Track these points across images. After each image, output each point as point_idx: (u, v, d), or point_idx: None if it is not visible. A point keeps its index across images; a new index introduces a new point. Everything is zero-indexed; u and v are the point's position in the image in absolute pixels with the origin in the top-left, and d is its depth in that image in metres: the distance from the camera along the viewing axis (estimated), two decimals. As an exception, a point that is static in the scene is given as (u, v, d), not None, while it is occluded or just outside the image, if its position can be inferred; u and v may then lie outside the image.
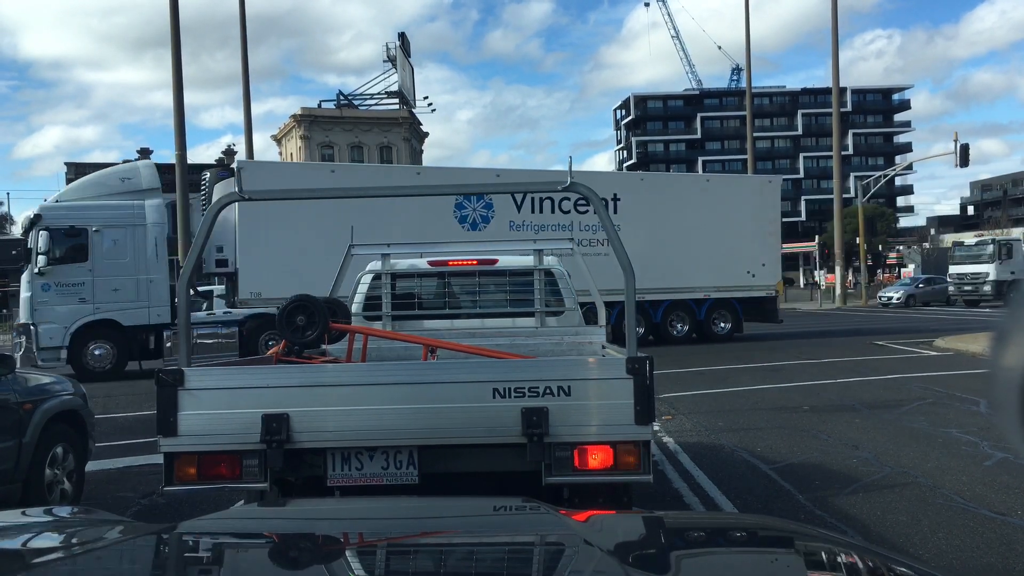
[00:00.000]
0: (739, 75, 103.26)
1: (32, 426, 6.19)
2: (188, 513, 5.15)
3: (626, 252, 4.12)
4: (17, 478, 6.04)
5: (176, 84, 23.28)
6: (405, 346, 6.17)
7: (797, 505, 6.31)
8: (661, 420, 9.96)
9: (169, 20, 22.72)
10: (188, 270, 4.46)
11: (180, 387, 4.02)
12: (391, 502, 3.08)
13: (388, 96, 64.32)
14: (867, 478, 7.11)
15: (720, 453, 8.31)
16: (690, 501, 6.52)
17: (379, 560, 1.82)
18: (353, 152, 61.13)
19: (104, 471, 8.19)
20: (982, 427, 8.99)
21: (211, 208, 4.35)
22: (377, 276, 7.21)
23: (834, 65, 41.54)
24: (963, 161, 38.70)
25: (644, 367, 3.98)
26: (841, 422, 9.78)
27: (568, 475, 4.03)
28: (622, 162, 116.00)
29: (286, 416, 3.98)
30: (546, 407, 3.97)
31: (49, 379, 6.94)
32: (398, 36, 66.13)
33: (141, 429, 10.16)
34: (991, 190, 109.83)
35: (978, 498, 6.34)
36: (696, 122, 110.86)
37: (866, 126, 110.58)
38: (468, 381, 4.11)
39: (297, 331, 5.48)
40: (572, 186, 4.23)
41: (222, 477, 4.09)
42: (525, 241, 8.29)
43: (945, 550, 5.20)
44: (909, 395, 11.71)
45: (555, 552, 1.87)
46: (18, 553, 1.89)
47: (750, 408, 11.05)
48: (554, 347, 6.72)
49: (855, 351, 18.62)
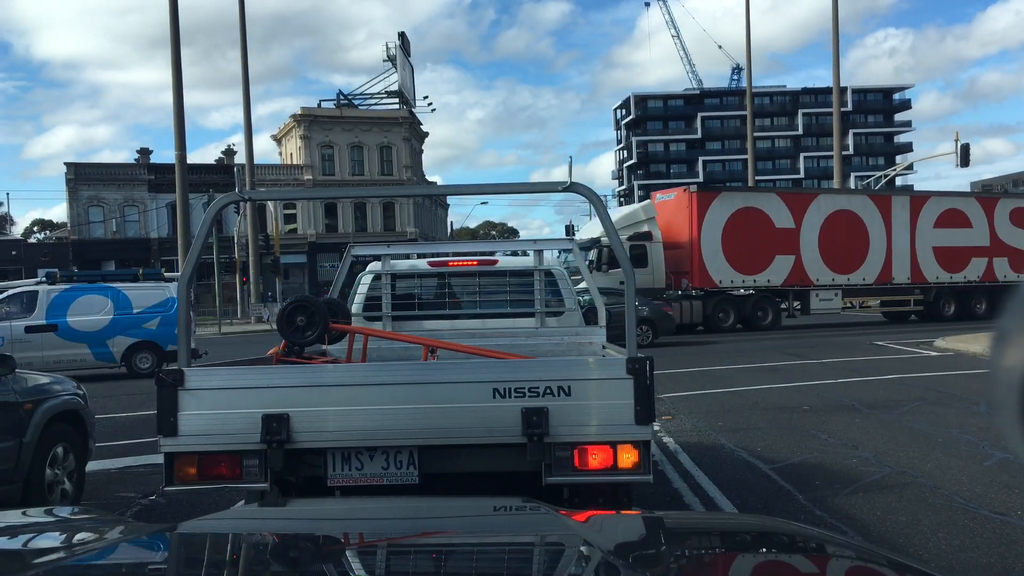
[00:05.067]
0: (739, 74, 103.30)
1: (32, 426, 6.20)
2: (188, 513, 5.14)
3: (626, 253, 4.12)
4: (17, 478, 6.04)
5: (176, 85, 23.28)
6: (405, 346, 6.17)
7: (797, 505, 6.31)
8: (661, 420, 9.96)
9: (169, 22, 22.72)
10: (188, 270, 4.46)
11: (180, 387, 4.02)
12: (391, 502, 3.08)
13: (388, 96, 64.35)
14: (867, 478, 7.11)
15: (720, 453, 8.31)
16: (690, 501, 6.52)
17: (379, 560, 1.82)
18: (353, 152, 61.13)
19: (104, 471, 8.19)
20: (982, 427, 8.99)
21: (211, 208, 4.35)
22: (377, 276, 7.21)
23: (835, 65, 41.56)
24: (964, 161, 38.74)
25: (644, 367, 3.98)
26: (841, 422, 9.77)
27: (568, 475, 4.03)
28: (622, 162, 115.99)
29: (286, 416, 3.98)
30: (546, 407, 3.97)
31: (49, 379, 6.94)
32: (398, 36, 66.15)
33: (141, 429, 10.16)
34: (992, 190, 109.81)
35: (978, 498, 6.34)
36: (696, 122, 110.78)
37: (867, 126, 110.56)
38: (468, 381, 4.11)
39: (297, 331, 5.48)
40: (572, 186, 4.23)
41: (222, 477, 4.09)
42: (525, 242, 8.29)
43: (945, 550, 5.20)
44: (909, 395, 11.70)
45: (555, 552, 1.87)
46: (18, 553, 1.89)
47: (750, 408, 11.04)
48: (554, 347, 6.72)
49: (855, 351, 18.62)
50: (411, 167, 62.52)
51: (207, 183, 49.42)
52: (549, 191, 5.32)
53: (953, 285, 29.42)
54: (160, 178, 54.81)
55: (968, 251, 29.50)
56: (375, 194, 7.07)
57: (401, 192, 49.72)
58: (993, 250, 29.84)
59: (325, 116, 61.27)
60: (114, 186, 56.30)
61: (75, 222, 55.85)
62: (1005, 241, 29.93)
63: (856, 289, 28.54)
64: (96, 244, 55.02)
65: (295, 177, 59.19)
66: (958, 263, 29.31)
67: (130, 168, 58.97)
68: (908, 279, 28.83)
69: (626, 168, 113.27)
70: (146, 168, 57.90)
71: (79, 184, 55.49)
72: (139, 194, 56.43)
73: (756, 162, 45.33)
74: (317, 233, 59.35)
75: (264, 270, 43.44)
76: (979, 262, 29.62)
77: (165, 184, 51.62)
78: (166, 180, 50.80)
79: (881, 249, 28.33)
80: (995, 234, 29.79)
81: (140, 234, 56.20)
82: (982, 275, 29.70)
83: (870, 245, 28.15)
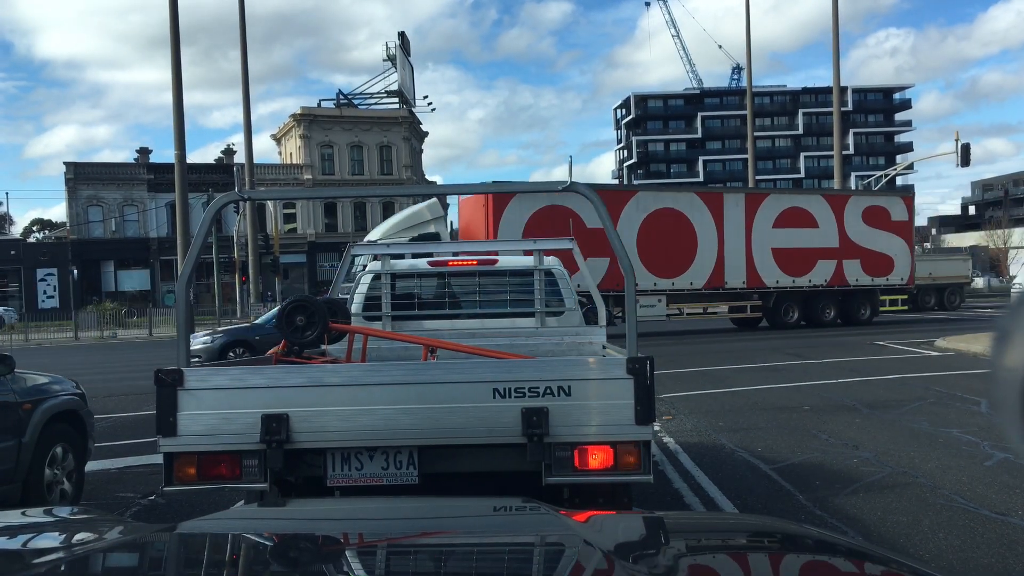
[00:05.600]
0: (739, 74, 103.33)
1: (32, 426, 6.19)
2: (188, 513, 5.14)
3: (627, 254, 4.11)
4: (17, 478, 6.04)
5: (176, 85, 23.29)
6: (405, 346, 6.17)
7: (797, 505, 6.31)
8: (661, 420, 9.96)
9: (169, 22, 22.72)
10: (187, 270, 4.45)
11: (180, 387, 4.01)
12: (391, 502, 3.08)
13: (388, 95, 64.37)
14: (867, 478, 7.11)
15: (720, 453, 8.31)
16: (690, 501, 6.52)
17: (379, 560, 1.82)
18: (353, 152, 61.15)
19: (104, 471, 8.19)
20: (983, 427, 8.99)
21: (210, 208, 4.35)
22: (377, 276, 7.21)
23: (835, 64, 41.57)
24: (964, 161, 38.74)
25: (644, 367, 3.97)
26: (842, 422, 9.77)
27: (568, 475, 4.02)
28: (622, 162, 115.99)
29: (286, 416, 3.98)
30: (546, 407, 3.96)
31: (48, 379, 6.94)
32: (398, 35, 66.19)
33: (141, 429, 10.16)
34: (992, 190, 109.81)
35: (978, 498, 6.34)
36: (697, 121, 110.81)
37: (867, 125, 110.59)
38: (468, 381, 4.10)
39: (297, 331, 5.48)
40: (572, 186, 4.23)
41: (222, 477, 4.09)
42: (525, 242, 8.29)
43: (945, 550, 5.20)
44: (910, 395, 11.70)
45: (555, 552, 1.87)
46: (18, 553, 1.89)
47: (750, 408, 11.04)
48: (554, 347, 6.72)
49: (856, 351, 18.62)
50: (411, 167, 62.54)
51: (207, 183, 49.45)
52: (549, 191, 5.33)
53: (797, 289, 27.09)
54: (159, 178, 54.84)
55: (814, 253, 27.12)
56: (375, 194, 7.07)
57: (401, 192, 49.74)
58: (843, 252, 27.44)
59: (325, 116, 61.27)
60: (113, 186, 56.32)
61: (74, 222, 55.86)
62: (857, 242, 27.57)
63: (683, 295, 25.87)
64: (95, 244, 55.03)
65: (295, 177, 59.20)
66: (802, 266, 26.94)
67: (130, 168, 58.99)
68: (743, 283, 26.35)
69: (626, 168, 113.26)
70: (145, 168, 57.92)
71: (78, 184, 55.50)
72: (138, 194, 56.44)
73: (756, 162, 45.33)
74: (317, 233, 59.36)
75: (263, 270, 43.42)
76: (827, 264, 27.28)
77: (164, 184, 51.67)
78: (165, 180, 50.84)
79: (711, 251, 25.80)
80: (845, 234, 27.37)
81: (139, 234, 56.22)
82: (830, 279, 27.35)
83: (698, 247, 25.66)
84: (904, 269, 28.52)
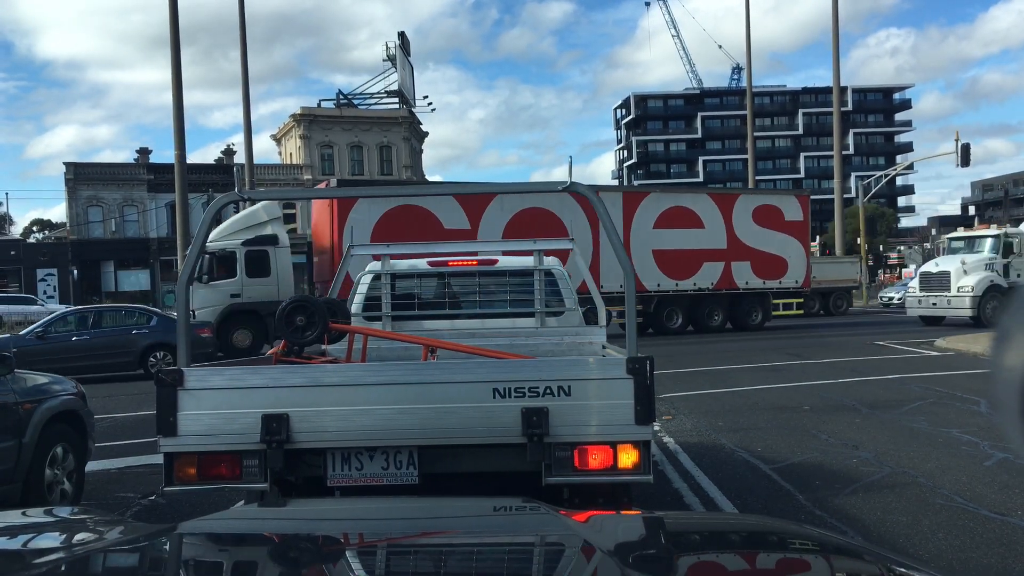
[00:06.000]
0: (739, 74, 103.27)
1: (32, 426, 6.19)
2: (188, 513, 5.14)
3: (627, 254, 4.12)
4: (17, 478, 6.04)
5: (176, 85, 23.28)
6: (405, 346, 6.17)
7: (797, 505, 6.31)
8: (661, 420, 9.96)
9: (169, 22, 22.73)
10: (187, 270, 4.45)
11: (180, 387, 4.01)
12: (391, 502, 3.08)
13: (388, 95, 64.34)
14: (867, 478, 7.10)
15: (720, 453, 8.31)
16: (690, 501, 6.52)
17: (379, 560, 1.82)
18: (353, 152, 61.14)
19: (104, 471, 8.19)
20: (982, 427, 8.99)
21: (210, 208, 4.35)
22: (377, 276, 7.21)
23: (835, 64, 41.58)
24: (964, 161, 38.74)
25: (644, 367, 3.97)
26: (841, 422, 9.77)
27: (568, 475, 4.03)
28: (623, 162, 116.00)
29: (286, 416, 3.98)
30: (546, 407, 3.96)
31: (48, 379, 6.94)
32: (398, 35, 66.15)
33: (141, 429, 10.16)
34: (992, 190, 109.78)
35: (978, 498, 6.34)
36: (696, 121, 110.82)
37: (867, 125, 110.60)
38: (468, 381, 4.10)
39: (297, 331, 5.48)
40: (572, 186, 4.23)
41: (222, 477, 4.09)
42: (524, 242, 8.29)
43: (945, 550, 5.20)
44: (910, 395, 11.70)
45: (555, 552, 1.87)
46: (18, 553, 1.89)
47: (750, 408, 11.04)
48: (554, 347, 6.72)
49: (856, 351, 18.62)
50: (411, 167, 62.50)
51: (207, 183, 49.41)
52: (549, 191, 5.32)
53: (681, 293, 25.84)
54: (159, 178, 54.79)
55: (699, 254, 25.80)
56: (374, 194, 7.07)
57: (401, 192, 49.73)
58: (731, 253, 26.22)
59: (325, 116, 61.25)
60: (113, 186, 56.28)
61: (74, 222, 55.84)
62: (746, 243, 26.34)
63: None
64: (95, 244, 55.00)
65: (295, 177, 59.16)
66: (686, 268, 25.69)
67: (129, 168, 58.96)
68: (620, 287, 25.26)
69: (626, 168, 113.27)
70: (145, 168, 57.88)
71: (78, 184, 55.47)
72: (138, 194, 56.40)
73: (756, 162, 45.35)
74: (317, 233, 59.34)
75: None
76: (713, 267, 26.01)
77: (164, 184, 51.59)
78: (165, 180, 50.78)
79: (585, 253, 24.57)
80: (734, 235, 26.14)
81: (139, 234, 56.18)
82: (717, 281, 26.13)
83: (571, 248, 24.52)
84: (799, 271, 27.48)
